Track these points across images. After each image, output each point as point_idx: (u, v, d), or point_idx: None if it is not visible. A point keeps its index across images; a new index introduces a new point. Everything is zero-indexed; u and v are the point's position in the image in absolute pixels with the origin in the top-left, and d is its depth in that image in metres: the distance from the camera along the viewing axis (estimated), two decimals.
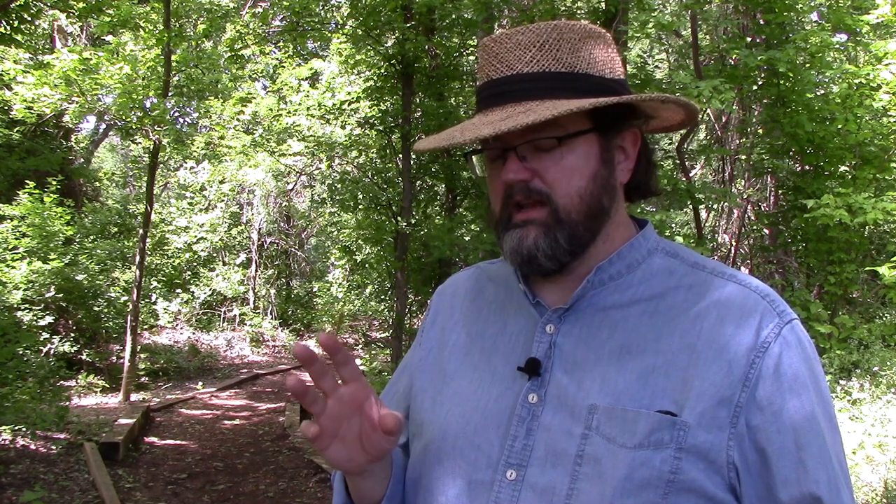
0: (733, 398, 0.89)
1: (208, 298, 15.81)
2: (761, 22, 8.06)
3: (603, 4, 7.76)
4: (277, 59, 13.29)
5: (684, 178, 8.53)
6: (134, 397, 9.53)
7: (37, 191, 9.89)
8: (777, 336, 0.92)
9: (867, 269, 7.21)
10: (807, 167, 7.97)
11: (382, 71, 9.65)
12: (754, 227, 10.28)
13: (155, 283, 14.67)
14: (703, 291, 0.97)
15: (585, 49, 0.99)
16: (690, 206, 8.38)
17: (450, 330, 1.13)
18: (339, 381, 0.93)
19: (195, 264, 16.46)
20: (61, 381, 8.89)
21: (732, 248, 10.20)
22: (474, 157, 1.09)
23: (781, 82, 7.53)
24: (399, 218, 9.22)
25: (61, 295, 9.88)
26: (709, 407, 0.89)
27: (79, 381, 9.74)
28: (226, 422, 9.12)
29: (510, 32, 0.99)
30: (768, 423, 0.89)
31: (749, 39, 8.25)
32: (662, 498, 0.88)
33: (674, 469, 0.88)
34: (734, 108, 8.65)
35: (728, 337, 0.92)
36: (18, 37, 9.38)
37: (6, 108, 9.33)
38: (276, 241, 18.20)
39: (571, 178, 0.97)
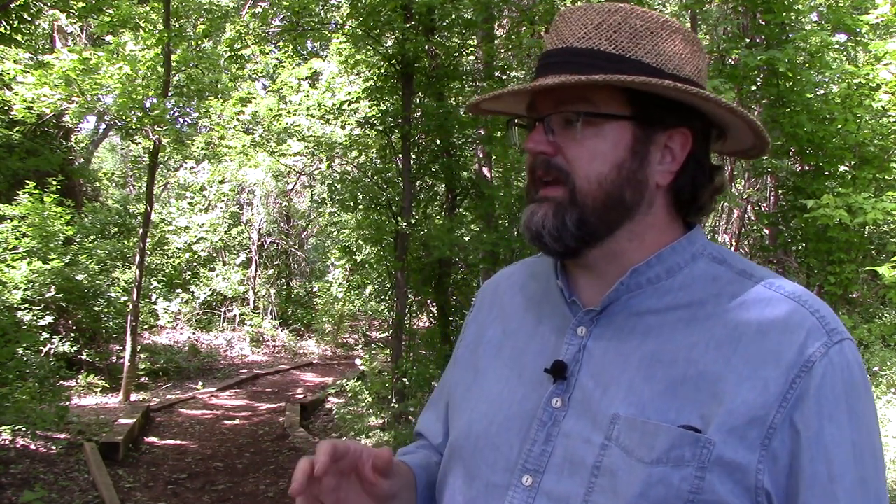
0: (767, 418, 0.83)
1: (208, 298, 15.81)
2: (761, 22, 8.06)
3: None
4: (277, 59, 13.28)
5: None
6: (134, 397, 9.53)
7: (37, 191, 9.89)
8: (823, 356, 0.84)
9: (867, 269, 7.21)
10: (807, 167, 7.96)
11: (382, 71, 9.64)
12: (754, 227, 10.28)
13: (155, 283, 14.67)
14: (747, 301, 0.90)
15: (650, 38, 0.94)
16: None
17: (487, 326, 1.11)
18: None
19: (195, 264, 16.46)
20: (61, 381, 8.89)
21: (732, 249, 10.20)
22: (515, 128, 1.05)
23: (781, 82, 7.52)
24: (399, 218, 9.21)
25: (61, 295, 9.88)
26: (739, 425, 0.83)
27: (79, 381, 9.74)
28: (226, 422, 9.12)
29: (580, 7, 0.97)
30: (804, 450, 0.82)
31: (748, 40, 8.25)
32: None
33: (694, 488, 0.83)
34: None
35: (767, 352, 0.85)
36: (18, 37, 9.37)
37: (6, 108, 9.32)
38: (276, 241, 18.19)
39: (593, 160, 0.93)
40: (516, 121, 1.04)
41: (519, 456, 0.94)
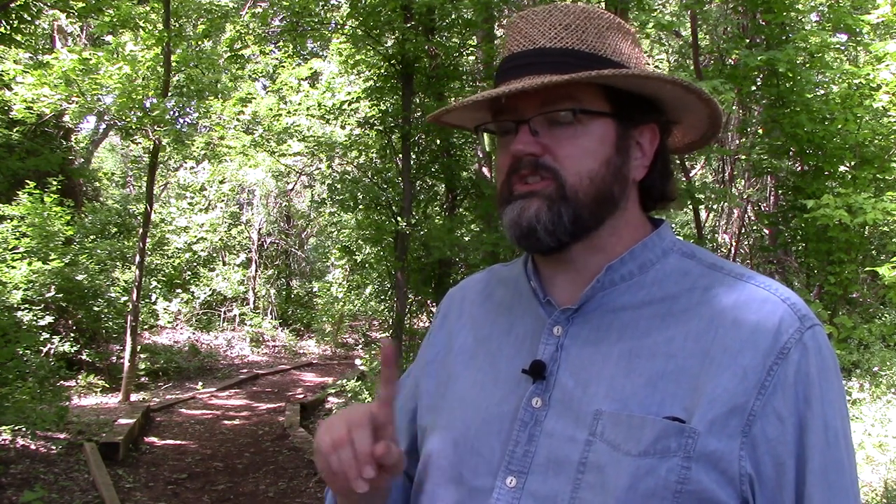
0: (747, 406, 0.85)
1: (208, 298, 15.81)
2: (761, 22, 8.06)
3: (603, 4, 7.75)
4: (277, 59, 13.28)
5: (684, 178, 8.53)
6: (134, 397, 9.53)
7: (37, 191, 9.88)
8: (797, 342, 0.87)
9: (867, 269, 7.21)
10: (807, 167, 7.97)
11: (382, 71, 9.64)
12: (754, 227, 10.28)
13: (155, 283, 14.67)
14: (720, 293, 0.92)
15: (612, 38, 0.97)
16: (690, 206, 8.38)
17: (457, 333, 1.10)
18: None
19: (195, 264, 16.46)
20: (61, 381, 8.89)
21: (732, 248, 10.20)
22: (485, 133, 1.05)
23: (781, 82, 7.53)
24: (399, 218, 9.21)
25: (61, 295, 9.88)
26: (720, 414, 0.85)
27: (79, 381, 9.74)
28: (226, 422, 9.12)
29: (538, 10, 0.98)
30: (785, 435, 0.85)
31: (748, 40, 8.25)
32: None
33: (681, 479, 0.84)
34: (734, 108, 8.65)
35: (744, 341, 0.87)
36: (18, 37, 9.36)
37: (6, 108, 9.32)
38: (276, 241, 18.20)
39: (583, 158, 0.94)
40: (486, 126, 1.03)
41: (501, 458, 0.93)
